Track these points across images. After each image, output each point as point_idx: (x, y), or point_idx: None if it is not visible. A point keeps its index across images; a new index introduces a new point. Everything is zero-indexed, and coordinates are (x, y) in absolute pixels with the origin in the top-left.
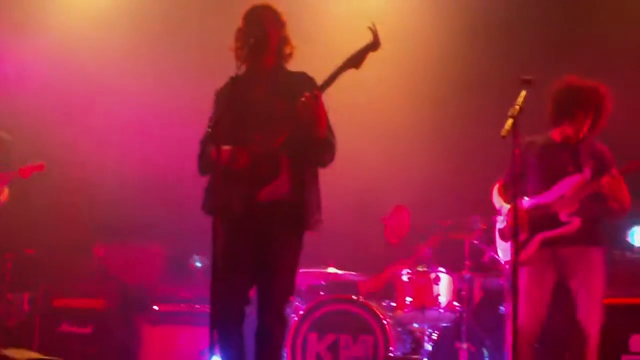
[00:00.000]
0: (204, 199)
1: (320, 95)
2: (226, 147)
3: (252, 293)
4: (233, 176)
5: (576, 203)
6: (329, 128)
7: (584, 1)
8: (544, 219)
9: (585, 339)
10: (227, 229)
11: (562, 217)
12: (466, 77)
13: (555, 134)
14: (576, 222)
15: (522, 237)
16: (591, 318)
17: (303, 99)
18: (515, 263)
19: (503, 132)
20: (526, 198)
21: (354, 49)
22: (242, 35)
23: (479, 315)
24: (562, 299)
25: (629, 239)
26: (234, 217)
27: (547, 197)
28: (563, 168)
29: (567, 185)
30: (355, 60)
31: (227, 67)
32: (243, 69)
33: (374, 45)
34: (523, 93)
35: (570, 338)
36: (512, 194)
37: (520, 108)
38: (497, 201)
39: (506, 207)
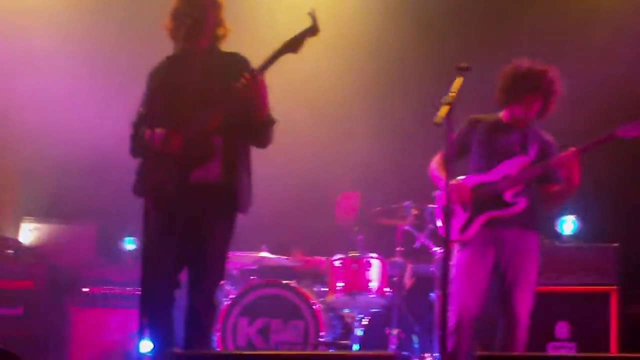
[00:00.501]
0: (135, 180)
1: (260, 75)
2: (159, 130)
3: (183, 276)
4: (165, 158)
5: (520, 184)
6: (269, 109)
7: None
8: (488, 198)
9: (516, 323)
10: (158, 211)
11: (507, 197)
12: (406, 64)
13: (505, 115)
14: (522, 203)
15: (466, 215)
16: (523, 302)
17: (243, 79)
18: (446, 243)
19: (436, 119)
20: (468, 175)
21: (292, 33)
22: (179, 15)
23: (409, 302)
24: (496, 282)
25: (558, 228)
26: (165, 200)
27: (492, 175)
28: (510, 148)
29: (513, 165)
30: (294, 45)
31: (162, 46)
32: (177, 49)
33: (313, 30)
34: (459, 80)
35: (501, 322)
36: (446, 177)
37: (455, 95)
38: (439, 173)
39: (451, 182)
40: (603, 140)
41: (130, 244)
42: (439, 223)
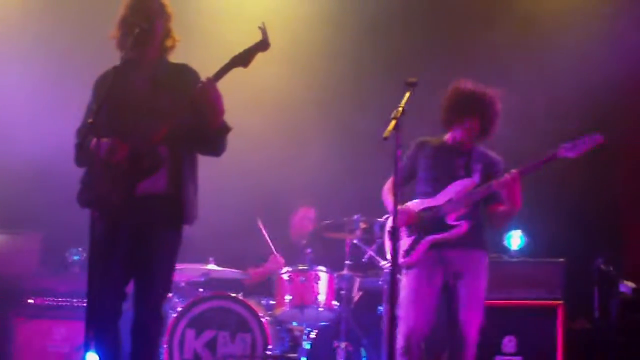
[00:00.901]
0: (80, 190)
1: (215, 82)
2: (105, 140)
3: (130, 288)
4: (111, 169)
5: (464, 207)
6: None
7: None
8: (432, 221)
9: (464, 340)
10: (104, 222)
11: (450, 220)
12: (362, 76)
13: (449, 138)
14: (463, 227)
15: (411, 239)
16: (472, 321)
17: (200, 84)
18: (394, 265)
19: (385, 134)
20: (416, 200)
21: (243, 46)
22: (126, 24)
23: (357, 315)
24: (444, 301)
25: (505, 243)
26: (111, 211)
27: (437, 199)
28: (454, 171)
29: (456, 189)
30: (243, 59)
31: (111, 54)
32: (124, 58)
33: (263, 44)
34: (407, 95)
35: (450, 339)
36: (394, 195)
37: (403, 110)
38: (387, 198)
39: (398, 207)
40: (544, 162)
41: (75, 255)
42: (388, 246)
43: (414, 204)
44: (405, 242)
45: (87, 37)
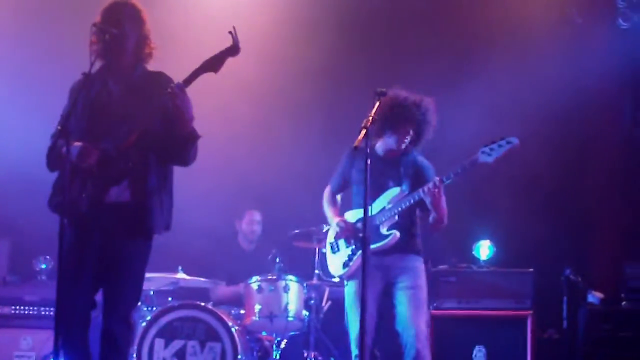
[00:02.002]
0: (51, 195)
1: (184, 88)
2: (76, 144)
3: (100, 296)
4: (81, 174)
5: (396, 216)
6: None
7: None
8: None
9: (416, 337)
10: (73, 229)
11: (384, 229)
12: (326, 85)
13: (381, 146)
14: (395, 236)
15: (349, 250)
16: (419, 317)
17: (169, 89)
18: (364, 274)
19: (356, 143)
20: (351, 211)
21: (214, 51)
22: (98, 30)
23: (327, 325)
24: (388, 304)
25: (474, 253)
26: (80, 217)
27: (367, 215)
28: (384, 181)
29: (388, 198)
30: (213, 64)
31: (87, 62)
32: (98, 65)
33: (233, 50)
34: (377, 104)
35: (401, 340)
36: (364, 204)
37: (373, 119)
38: (327, 211)
39: (336, 219)
40: (466, 168)
41: (43, 263)
42: (329, 259)
43: (350, 215)
44: (343, 254)
45: (63, 42)
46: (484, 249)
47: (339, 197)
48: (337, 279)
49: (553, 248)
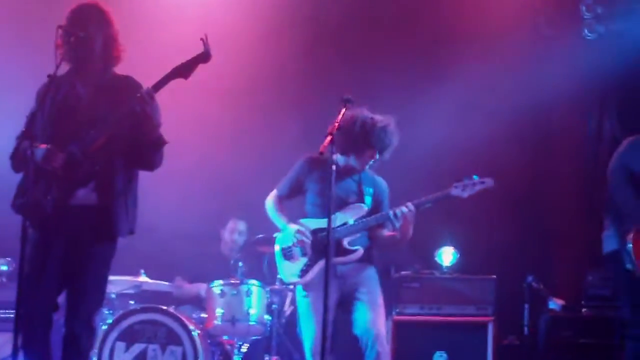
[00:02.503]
0: (14, 196)
1: (154, 93)
2: (42, 146)
3: (62, 299)
4: (46, 176)
5: (358, 232)
6: (160, 129)
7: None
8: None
9: (375, 338)
10: (37, 231)
11: (345, 243)
12: (297, 89)
13: (343, 161)
14: (359, 253)
15: (305, 258)
16: (377, 320)
17: (139, 94)
18: (327, 283)
19: (321, 149)
20: (307, 219)
21: (185, 56)
22: (63, 33)
23: (289, 329)
24: (345, 312)
25: (437, 259)
26: (43, 219)
27: (331, 223)
28: (345, 195)
29: (351, 213)
30: (184, 71)
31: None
32: (65, 68)
33: (205, 56)
34: (343, 111)
35: (361, 343)
36: (328, 212)
37: (339, 125)
38: (278, 216)
39: (294, 225)
40: (438, 199)
41: (3, 265)
42: (281, 265)
43: (306, 224)
44: (299, 262)
45: (29, 44)
46: (447, 256)
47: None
48: (290, 285)
49: (515, 255)
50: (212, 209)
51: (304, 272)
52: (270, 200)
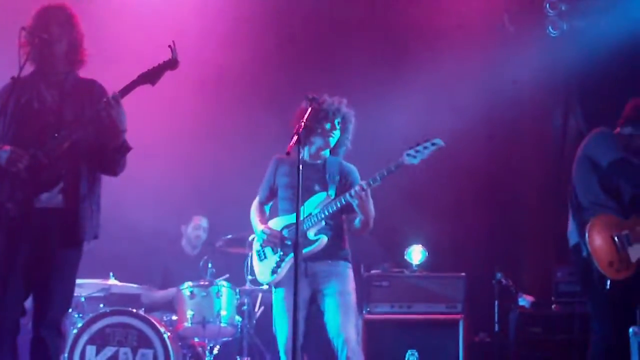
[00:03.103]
0: None
1: (119, 99)
2: (5, 148)
3: (29, 303)
4: (10, 178)
5: (323, 220)
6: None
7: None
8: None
9: (346, 341)
10: (3, 234)
11: (311, 235)
12: (266, 91)
13: (306, 152)
14: (323, 241)
15: (276, 257)
16: (347, 322)
17: (105, 99)
18: (296, 279)
19: (288, 149)
20: (277, 218)
21: (153, 62)
22: (27, 34)
23: (259, 330)
24: (316, 312)
25: (407, 258)
26: (9, 222)
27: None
28: (310, 187)
29: (314, 203)
30: (151, 77)
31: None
32: (29, 69)
33: (172, 63)
34: (308, 110)
35: (333, 345)
36: (297, 208)
37: (305, 125)
38: (255, 222)
39: (261, 226)
40: (391, 171)
41: None
42: (257, 267)
43: (276, 223)
44: (271, 261)
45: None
46: (416, 254)
47: (267, 207)
48: (266, 287)
49: (484, 252)
50: (175, 206)
51: (276, 270)
52: (252, 209)
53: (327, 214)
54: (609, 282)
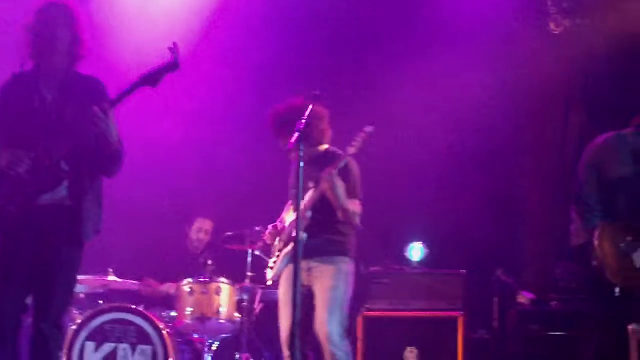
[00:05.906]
0: None
1: (110, 109)
2: (6, 149)
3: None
4: (11, 179)
5: (308, 216)
6: (118, 139)
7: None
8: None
9: (327, 338)
10: (4, 232)
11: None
12: (268, 88)
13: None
14: (304, 237)
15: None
16: (331, 319)
17: (92, 113)
18: (296, 275)
19: (289, 145)
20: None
21: (153, 65)
22: (29, 31)
23: (259, 327)
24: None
25: (407, 254)
26: (11, 220)
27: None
28: (305, 184)
29: (305, 199)
30: (152, 79)
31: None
32: (30, 66)
33: (173, 65)
34: (310, 107)
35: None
36: (295, 207)
37: (307, 122)
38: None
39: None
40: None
41: None
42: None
43: (282, 220)
44: (272, 259)
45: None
46: (416, 251)
47: None
48: (270, 282)
49: (484, 249)
50: (180, 207)
51: (271, 267)
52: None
53: (308, 206)
54: (617, 290)
